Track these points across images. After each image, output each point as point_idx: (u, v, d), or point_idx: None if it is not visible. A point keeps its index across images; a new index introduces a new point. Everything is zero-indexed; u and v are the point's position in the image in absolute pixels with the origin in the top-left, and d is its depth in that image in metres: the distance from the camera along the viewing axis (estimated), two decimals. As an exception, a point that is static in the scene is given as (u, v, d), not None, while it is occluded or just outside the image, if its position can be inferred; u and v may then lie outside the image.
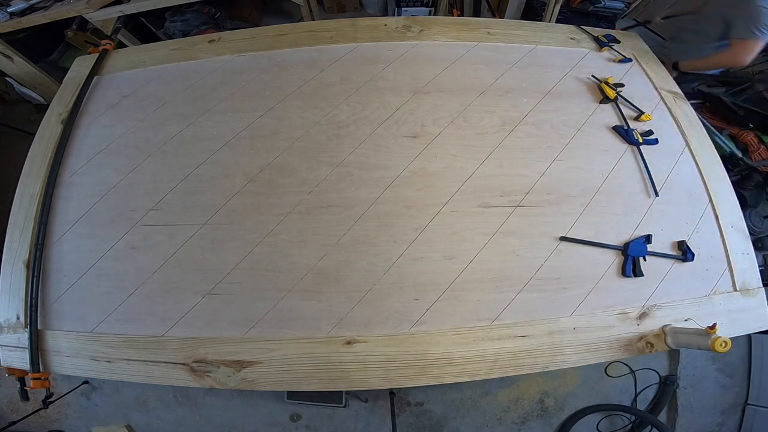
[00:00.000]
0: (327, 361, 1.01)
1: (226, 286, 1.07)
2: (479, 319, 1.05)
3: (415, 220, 1.13)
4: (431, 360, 1.01)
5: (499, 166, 1.21)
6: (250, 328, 1.03)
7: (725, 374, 2.05)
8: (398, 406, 1.93)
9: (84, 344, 1.05)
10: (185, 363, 1.01)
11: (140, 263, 1.10)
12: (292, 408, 1.94)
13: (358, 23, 1.47)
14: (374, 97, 1.30)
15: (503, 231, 1.13)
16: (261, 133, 1.25)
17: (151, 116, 1.30)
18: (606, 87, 1.34)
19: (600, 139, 1.29)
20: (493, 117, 1.29)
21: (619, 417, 1.99)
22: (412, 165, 1.20)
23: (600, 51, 1.48)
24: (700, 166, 1.27)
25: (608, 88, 1.34)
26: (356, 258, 1.09)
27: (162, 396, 1.94)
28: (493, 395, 1.98)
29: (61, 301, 1.09)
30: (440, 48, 1.42)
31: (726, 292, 1.13)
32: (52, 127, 1.30)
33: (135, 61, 1.43)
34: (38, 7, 1.87)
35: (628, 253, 1.12)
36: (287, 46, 1.41)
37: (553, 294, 1.08)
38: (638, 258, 1.12)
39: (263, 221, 1.13)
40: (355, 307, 1.05)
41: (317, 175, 1.18)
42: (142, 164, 1.22)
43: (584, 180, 1.21)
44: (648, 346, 1.05)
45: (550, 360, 1.03)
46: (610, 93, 1.33)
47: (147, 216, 1.15)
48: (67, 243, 1.14)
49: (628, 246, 1.13)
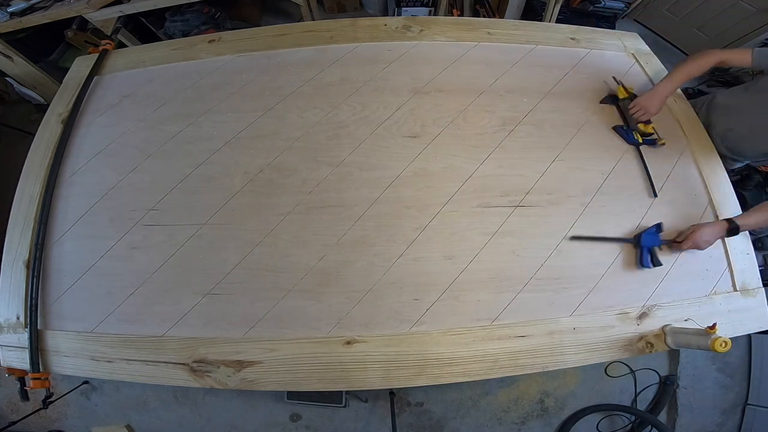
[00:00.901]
0: (327, 361, 1.01)
1: (226, 286, 1.07)
2: (479, 319, 1.05)
3: (415, 220, 1.13)
4: (431, 360, 1.01)
5: (499, 166, 1.21)
6: (250, 328, 1.04)
7: (725, 374, 2.05)
8: (398, 406, 1.93)
9: (84, 344, 1.05)
10: (185, 363, 1.01)
11: (140, 263, 1.10)
12: (292, 408, 1.94)
13: (358, 23, 1.47)
14: (374, 97, 1.30)
15: (503, 231, 1.13)
16: (261, 133, 1.25)
17: (151, 116, 1.30)
18: (621, 89, 1.33)
19: (600, 139, 1.29)
20: (493, 117, 1.29)
21: (619, 417, 1.99)
22: (412, 165, 1.20)
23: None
24: (700, 166, 1.27)
25: (623, 89, 1.33)
26: (356, 258, 1.09)
27: (162, 396, 1.94)
28: (493, 395, 1.98)
29: (61, 301, 1.09)
30: (440, 48, 1.42)
31: (726, 292, 1.13)
32: (52, 127, 1.29)
33: (135, 61, 1.43)
34: (38, 7, 1.87)
35: (641, 244, 1.11)
36: (287, 46, 1.41)
37: (553, 294, 1.08)
38: (654, 248, 1.11)
39: (263, 221, 1.13)
40: (355, 307, 1.05)
41: (317, 175, 1.18)
42: (142, 164, 1.22)
43: (584, 180, 1.21)
44: (648, 346, 1.05)
45: (550, 360, 1.03)
46: (622, 93, 1.32)
47: (147, 216, 1.15)
48: (67, 243, 1.14)
49: (640, 237, 1.12)
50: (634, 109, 1.26)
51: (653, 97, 1.23)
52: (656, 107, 1.24)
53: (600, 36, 1.54)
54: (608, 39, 1.54)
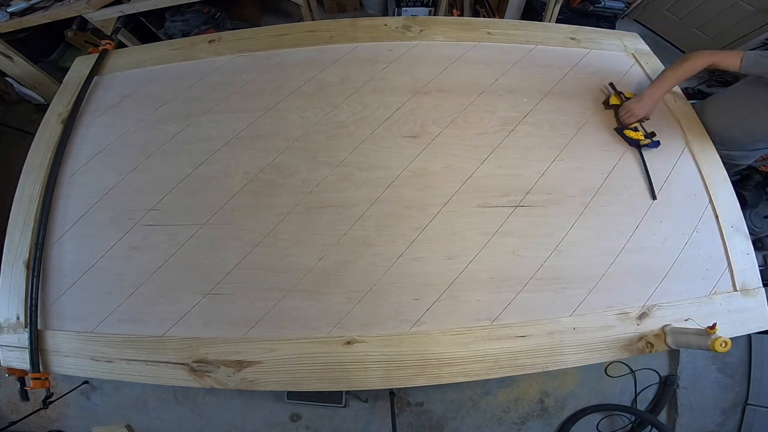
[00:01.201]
0: (327, 361, 1.01)
1: (226, 286, 1.07)
2: (479, 319, 1.05)
3: (415, 220, 1.13)
4: (431, 360, 1.01)
5: (499, 166, 1.21)
6: (250, 328, 1.04)
7: (725, 374, 2.05)
8: (398, 406, 1.94)
9: (84, 344, 1.05)
10: (185, 363, 1.01)
11: (140, 263, 1.10)
12: (292, 408, 1.94)
13: (358, 23, 1.47)
14: (374, 97, 1.30)
15: (503, 231, 1.13)
16: (261, 133, 1.25)
17: (151, 116, 1.30)
18: (615, 96, 1.32)
19: (600, 139, 1.29)
20: (493, 117, 1.29)
21: (619, 417, 1.99)
22: (412, 165, 1.20)
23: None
24: (700, 166, 1.27)
25: (616, 97, 1.32)
26: (356, 258, 1.09)
27: (162, 396, 1.94)
28: (493, 395, 1.98)
29: (61, 301, 1.09)
30: (440, 48, 1.42)
31: (726, 292, 1.13)
32: (52, 127, 1.30)
33: (135, 61, 1.43)
34: (38, 7, 1.87)
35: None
36: (287, 46, 1.41)
37: (553, 294, 1.08)
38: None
39: (263, 221, 1.13)
40: (355, 307, 1.05)
41: (317, 175, 1.18)
42: (142, 164, 1.22)
43: (584, 180, 1.21)
44: (648, 346, 1.05)
45: (550, 360, 1.03)
46: (615, 100, 1.32)
47: (147, 216, 1.15)
48: (67, 243, 1.14)
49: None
50: (622, 111, 1.28)
51: (639, 101, 1.24)
52: (644, 111, 1.24)
53: (600, 36, 1.54)
54: (608, 39, 1.54)
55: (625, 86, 1.37)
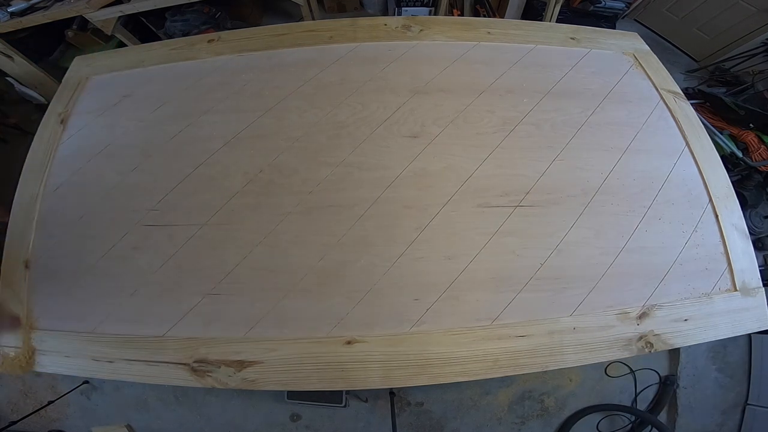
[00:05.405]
0: (327, 361, 1.01)
1: (227, 286, 1.07)
2: (479, 319, 1.05)
3: (415, 220, 1.13)
4: (431, 360, 1.01)
5: (499, 166, 1.21)
6: (251, 328, 1.04)
7: (725, 374, 2.05)
8: (398, 406, 1.94)
9: (84, 344, 1.05)
10: (186, 363, 1.01)
11: (140, 263, 1.10)
12: (292, 408, 1.94)
13: (358, 23, 1.47)
14: (374, 97, 1.30)
15: (503, 231, 1.13)
16: (261, 133, 1.25)
17: (151, 116, 1.30)
18: None
19: (600, 139, 1.29)
20: (493, 117, 1.29)
21: (619, 417, 1.99)
22: (412, 165, 1.20)
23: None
24: (700, 166, 1.27)
25: None
26: (356, 258, 1.09)
27: (162, 396, 1.94)
28: (493, 395, 1.98)
29: (61, 301, 1.09)
30: (440, 48, 1.42)
31: (726, 292, 1.13)
32: (52, 127, 1.30)
33: (135, 60, 1.43)
34: (39, 7, 1.87)
35: None
36: (287, 46, 1.41)
37: (553, 294, 1.08)
38: None
39: (263, 221, 1.13)
40: (356, 307, 1.05)
41: (317, 175, 1.18)
42: (142, 164, 1.22)
43: (584, 180, 1.21)
44: (648, 345, 1.05)
45: (550, 360, 1.03)
46: None
47: (147, 216, 1.15)
48: (67, 243, 1.14)
49: None
50: None
51: None
52: None
53: (600, 36, 1.54)
54: (608, 39, 1.54)
55: (624, 86, 1.37)
